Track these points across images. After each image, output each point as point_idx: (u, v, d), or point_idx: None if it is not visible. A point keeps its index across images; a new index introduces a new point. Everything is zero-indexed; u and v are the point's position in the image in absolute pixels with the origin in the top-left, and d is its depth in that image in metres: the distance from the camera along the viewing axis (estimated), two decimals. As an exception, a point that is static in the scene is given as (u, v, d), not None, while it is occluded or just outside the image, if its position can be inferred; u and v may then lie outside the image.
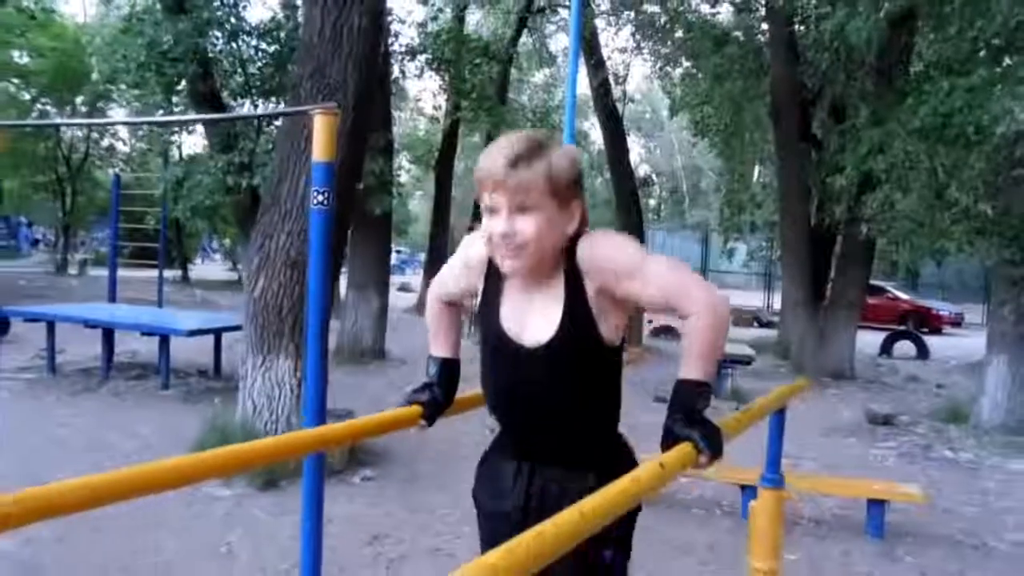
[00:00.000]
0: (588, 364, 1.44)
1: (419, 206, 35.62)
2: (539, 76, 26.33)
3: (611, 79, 16.46)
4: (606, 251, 1.41)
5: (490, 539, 1.57)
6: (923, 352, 13.85)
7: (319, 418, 2.20)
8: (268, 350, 4.86)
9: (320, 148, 2.21)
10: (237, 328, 7.95)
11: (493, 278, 1.52)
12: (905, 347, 14.15)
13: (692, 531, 4.30)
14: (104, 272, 20.90)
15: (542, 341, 1.43)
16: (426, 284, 17.52)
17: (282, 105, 9.89)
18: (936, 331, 19.54)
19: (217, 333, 7.79)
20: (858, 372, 10.55)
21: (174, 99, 9.85)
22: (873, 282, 16.09)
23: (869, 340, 14.34)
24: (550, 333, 1.42)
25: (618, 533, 1.46)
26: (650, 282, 1.38)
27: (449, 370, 1.65)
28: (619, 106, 17.12)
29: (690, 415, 1.33)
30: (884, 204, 7.31)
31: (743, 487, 4.37)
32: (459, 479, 5.00)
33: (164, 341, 7.19)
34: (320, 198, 2.21)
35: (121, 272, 10.72)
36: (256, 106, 9.61)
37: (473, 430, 6.47)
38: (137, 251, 16.22)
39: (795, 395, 1.99)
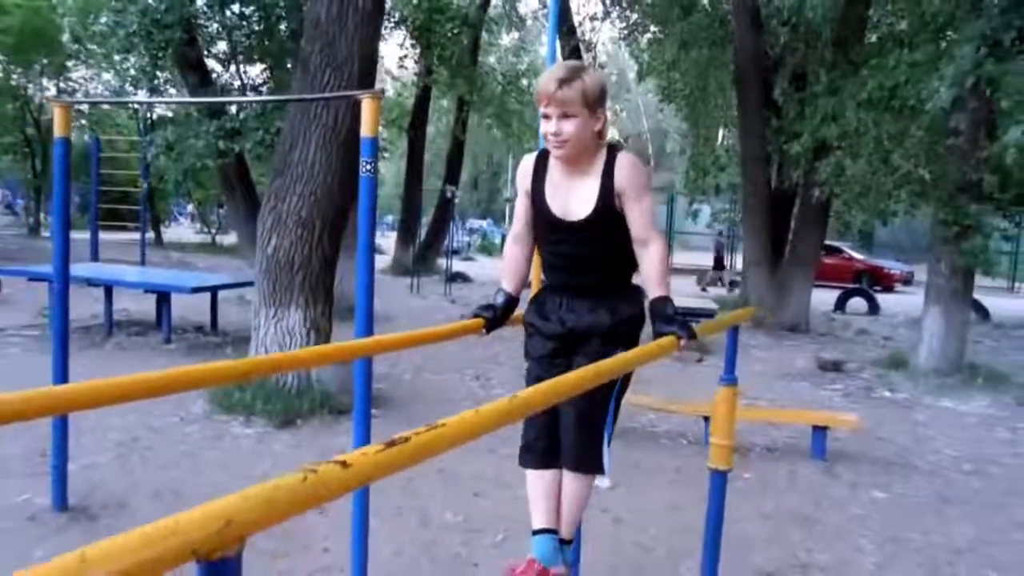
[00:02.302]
0: (611, 234, 2.06)
1: (384, 168, 35.72)
2: (506, 39, 26.52)
3: (580, 47, 16.84)
4: (632, 170, 2.02)
5: (537, 347, 2.17)
6: (874, 308, 14.70)
7: (368, 329, 2.70)
8: (280, 303, 5.34)
9: (367, 125, 2.70)
10: (233, 286, 8.41)
11: (539, 178, 2.12)
12: (858, 304, 15.01)
13: (662, 457, 4.93)
14: (77, 235, 20.88)
15: (580, 217, 2.04)
16: (401, 246, 17.94)
17: (259, 70, 10.20)
18: (888, 289, 20.53)
19: (214, 291, 8.21)
20: (813, 326, 11.32)
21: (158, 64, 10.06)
22: (830, 242, 16.88)
23: (825, 297, 15.18)
24: (587, 212, 2.03)
25: (626, 340, 2.08)
26: (638, 208, 2.02)
27: (510, 300, 2.23)
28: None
29: (667, 319, 1.96)
30: (836, 169, 7.94)
31: (706, 418, 5.00)
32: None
33: (165, 299, 7.60)
34: (367, 167, 2.71)
35: (87, 235, 10.93)
36: (243, 72, 9.90)
37: (462, 380, 7.06)
38: (106, 213, 16.25)
39: (745, 319, 2.58)
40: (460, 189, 21.08)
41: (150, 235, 22.23)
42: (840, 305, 14.87)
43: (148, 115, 14.74)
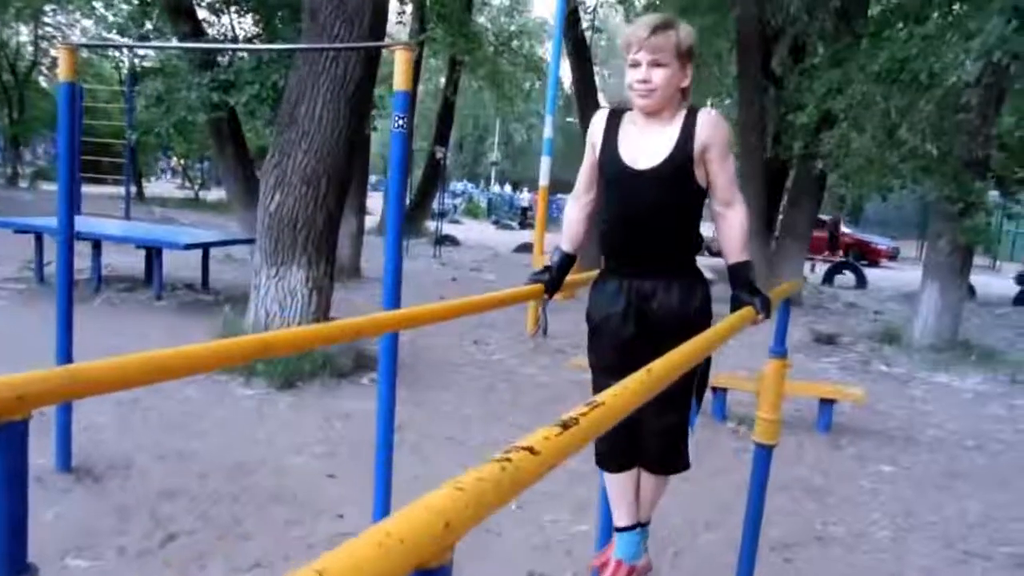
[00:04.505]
0: (682, 192, 1.95)
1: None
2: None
3: (579, 8, 16.56)
4: (719, 127, 1.93)
5: (602, 338, 2.07)
6: (862, 282, 14.81)
7: (396, 302, 2.61)
8: (282, 261, 5.21)
9: (400, 78, 2.57)
10: (229, 243, 8.24)
11: (611, 129, 2.01)
12: (846, 277, 15.10)
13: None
14: (54, 187, 20.33)
15: (653, 164, 1.93)
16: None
17: (249, 21, 9.90)
18: (874, 264, 20.70)
19: (206, 248, 8.03)
20: (804, 299, 11.35)
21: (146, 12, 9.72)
22: (820, 216, 16.89)
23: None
24: (660, 159, 1.92)
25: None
26: (724, 167, 1.94)
27: (566, 261, 2.13)
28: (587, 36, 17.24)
29: (749, 287, 1.91)
30: (840, 142, 7.87)
31: (713, 389, 4.98)
32: (454, 381, 5.52)
33: (157, 254, 7.42)
34: (400, 122, 2.59)
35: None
36: (236, 23, 9.59)
37: (460, 345, 6.99)
38: (86, 165, 15.84)
39: (794, 290, 2.53)
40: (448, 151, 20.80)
41: (132, 189, 21.79)
42: (828, 278, 14.97)
43: (133, 65, 14.30)
